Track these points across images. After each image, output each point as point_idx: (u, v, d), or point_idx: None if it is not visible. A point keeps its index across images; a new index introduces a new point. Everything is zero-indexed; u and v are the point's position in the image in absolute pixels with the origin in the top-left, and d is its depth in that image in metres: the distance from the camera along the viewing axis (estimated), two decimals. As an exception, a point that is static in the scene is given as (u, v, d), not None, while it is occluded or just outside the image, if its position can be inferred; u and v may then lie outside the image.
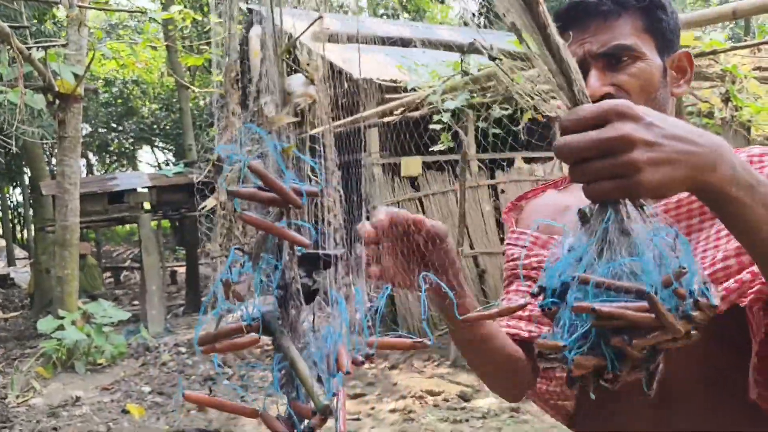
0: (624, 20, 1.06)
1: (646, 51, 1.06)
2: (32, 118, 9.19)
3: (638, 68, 1.05)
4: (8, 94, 5.59)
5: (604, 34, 1.06)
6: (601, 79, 1.04)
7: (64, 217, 7.42)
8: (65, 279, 7.46)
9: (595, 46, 1.05)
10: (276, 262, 0.79)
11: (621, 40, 1.05)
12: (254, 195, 0.73)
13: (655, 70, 1.06)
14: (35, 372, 7.00)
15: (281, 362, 0.78)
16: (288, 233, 0.76)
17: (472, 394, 5.80)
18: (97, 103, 20.12)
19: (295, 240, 0.76)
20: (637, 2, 1.06)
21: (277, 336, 0.77)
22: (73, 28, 6.86)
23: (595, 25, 1.06)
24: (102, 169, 26.79)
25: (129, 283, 16.92)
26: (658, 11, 1.08)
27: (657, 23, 1.08)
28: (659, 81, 1.07)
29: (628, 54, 1.05)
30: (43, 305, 10.70)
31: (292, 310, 0.81)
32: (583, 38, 1.07)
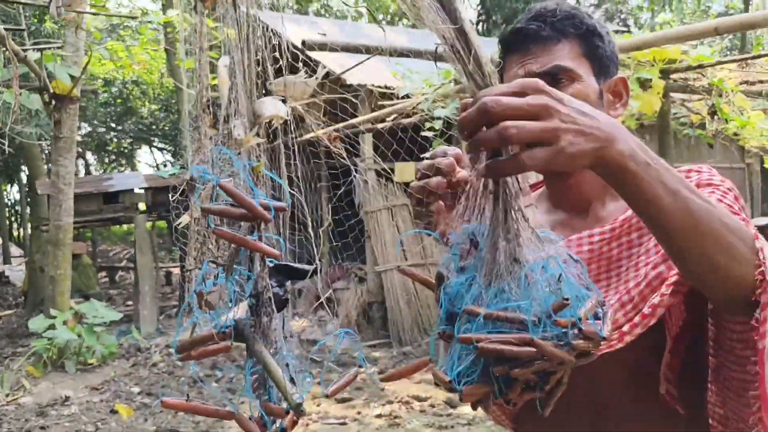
0: (562, 45, 1.12)
1: (582, 74, 1.12)
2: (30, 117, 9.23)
3: (575, 89, 1.10)
4: (3, 94, 5.63)
5: (544, 56, 1.12)
6: None
7: (57, 217, 7.45)
8: (57, 278, 7.49)
9: (535, 66, 1.11)
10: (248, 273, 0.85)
11: (559, 61, 1.11)
12: (225, 211, 0.78)
13: (591, 93, 1.12)
14: (26, 371, 7.03)
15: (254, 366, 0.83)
16: (259, 245, 0.81)
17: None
18: (96, 103, 20.15)
19: (266, 251, 0.81)
20: (575, 30, 1.13)
21: (250, 342, 0.82)
22: (71, 30, 6.92)
23: (535, 49, 1.13)
24: (100, 168, 26.81)
25: (124, 282, 16.91)
26: (595, 38, 1.14)
27: (594, 50, 1.14)
28: (595, 103, 1.12)
29: (566, 75, 1.11)
30: (36, 304, 10.71)
31: (264, 317, 0.86)
32: (524, 60, 1.13)
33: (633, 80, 4.57)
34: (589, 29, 1.14)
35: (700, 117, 6.22)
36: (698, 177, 1.07)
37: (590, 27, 1.14)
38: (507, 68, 1.17)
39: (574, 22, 1.13)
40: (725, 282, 0.85)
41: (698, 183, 1.06)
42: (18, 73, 5.44)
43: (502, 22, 19.19)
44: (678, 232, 0.79)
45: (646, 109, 4.64)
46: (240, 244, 0.79)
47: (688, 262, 0.84)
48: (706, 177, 1.07)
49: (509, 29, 1.17)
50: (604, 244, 1.10)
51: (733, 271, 0.83)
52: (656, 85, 4.57)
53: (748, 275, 0.84)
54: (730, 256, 0.82)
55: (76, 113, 7.51)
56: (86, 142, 22.85)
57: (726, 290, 0.87)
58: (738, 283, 0.85)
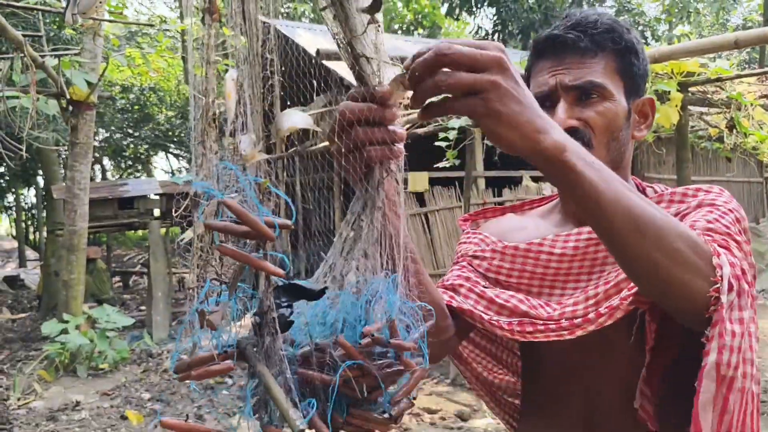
0: (599, 60, 1.09)
1: (614, 92, 1.09)
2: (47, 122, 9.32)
3: (605, 107, 1.08)
4: (21, 99, 5.68)
5: (578, 69, 1.08)
6: (568, 112, 1.07)
7: (72, 222, 7.50)
8: (71, 283, 7.53)
9: (568, 79, 1.08)
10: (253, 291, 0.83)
11: (593, 77, 1.08)
12: (228, 228, 0.76)
13: (620, 112, 1.10)
14: (38, 375, 7.06)
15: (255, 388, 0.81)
16: (263, 264, 0.79)
17: (470, 413, 5.78)
18: (113, 109, 20.35)
19: (270, 270, 0.79)
20: (613, 44, 1.10)
21: (252, 362, 0.80)
22: (88, 36, 6.98)
23: (570, 59, 1.09)
24: (116, 174, 27.04)
25: (137, 288, 17.01)
26: (632, 56, 1.11)
27: (629, 67, 1.11)
28: (623, 122, 1.10)
29: (598, 92, 1.08)
30: (50, 308, 10.78)
31: (268, 337, 0.84)
32: (556, 69, 1.10)
33: (651, 92, 4.53)
34: (627, 45, 1.11)
35: (718, 130, 6.16)
36: (704, 196, 1.06)
37: (628, 43, 1.11)
38: (536, 73, 1.14)
39: (614, 36, 1.10)
40: (671, 290, 0.83)
41: (701, 203, 1.05)
42: (35, 79, 5.49)
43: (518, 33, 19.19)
44: (619, 229, 0.79)
45: (664, 122, 4.59)
46: (244, 262, 0.77)
47: (631, 263, 0.83)
48: (711, 197, 1.05)
49: (545, 34, 1.13)
50: (591, 244, 1.08)
51: (678, 278, 0.82)
52: (674, 97, 4.52)
53: (701, 290, 0.83)
54: (673, 261, 0.81)
55: (93, 119, 7.57)
56: (103, 147, 23.07)
57: (676, 301, 0.85)
58: (688, 295, 0.83)
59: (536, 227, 1.24)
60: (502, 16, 19.35)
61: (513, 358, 1.34)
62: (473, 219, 1.38)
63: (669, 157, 9.19)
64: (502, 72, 0.71)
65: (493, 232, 1.27)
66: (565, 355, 1.14)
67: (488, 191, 8.71)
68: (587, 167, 0.76)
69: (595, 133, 1.08)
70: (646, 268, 0.81)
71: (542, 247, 1.12)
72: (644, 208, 0.80)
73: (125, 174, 26.50)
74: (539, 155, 0.75)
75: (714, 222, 0.97)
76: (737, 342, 0.85)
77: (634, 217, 0.78)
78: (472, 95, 0.71)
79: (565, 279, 1.10)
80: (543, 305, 1.06)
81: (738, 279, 0.87)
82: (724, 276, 0.83)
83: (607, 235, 0.81)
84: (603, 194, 0.77)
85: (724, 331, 0.84)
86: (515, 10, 18.87)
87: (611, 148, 1.10)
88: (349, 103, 0.75)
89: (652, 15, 21.21)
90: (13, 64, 5.52)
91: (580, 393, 1.14)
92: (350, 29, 0.71)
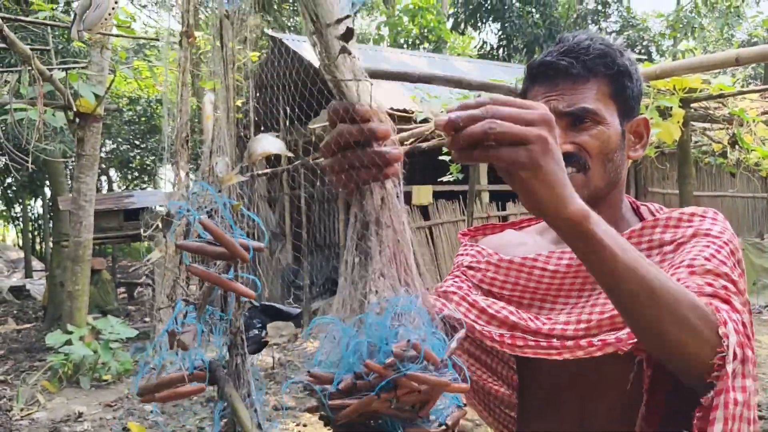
0: (591, 84, 1.11)
1: (607, 116, 1.11)
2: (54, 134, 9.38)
3: (598, 131, 1.10)
4: (29, 111, 5.73)
5: (571, 95, 1.11)
6: (562, 137, 1.09)
7: (77, 233, 7.54)
8: (75, 294, 7.56)
9: (561, 105, 1.11)
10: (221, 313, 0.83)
11: (586, 103, 1.10)
12: (202, 249, 0.76)
13: (614, 135, 1.12)
14: (41, 385, 7.07)
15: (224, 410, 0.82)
16: (235, 285, 0.79)
17: (472, 428, 5.76)
18: (120, 121, 20.46)
19: (242, 291, 0.79)
20: (606, 69, 1.12)
21: (221, 384, 0.80)
22: (96, 50, 7.04)
23: (563, 85, 1.12)
24: (123, 185, 27.14)
25: (142, 299, 17.03)
26: (625, 79, 1.13)
27: (622, 90, 1.13)
28: (617, 144, 1.13)
29: (591, 117, 1.10)
30: (55, 318, 10.80)
31: (237, 358, 0.85)
32: (550, 95, 1.12)
33: (653, 108, 4.54)
34: (620, 69, 1.13)
35: (721, 146, 6.17)
36: (699, 224, 1.07)
37: (621, 67, 1.13)
38: (530, 98, 1.16)
39: (606, 61, 1.12)
40: (678, 355, 0.86)
41: (696, 232, 1.06)
42: (43, 91, 5.54)
43: (522, 48, 19.25)
44: (632, 296, 0.80)
45: (666, 138, 4.61)
46: (215, 284, 0.77)
47: (640, 328, 0.85)
48: (706, 226, 1.07)
49: (539, 59, 1.15)
50: None
51: (685, 346, 0.84)
52: (676, 113, 4.53)
53: (706, 357, 0.85)
54: (682, 330, 0.83)
55: (99, 131, 7.62)
56: (110, 159, 23.17)
57: (681, 365, 0.88)
58: (693, 361, 0.85)
59: (534, 243, 1.26)
60: (506, 30, 19.43)
61: (509, 372, 1.35)
62: (473, 234, 1.40)
63: (672, 172, 9.19)
64: (549, 130, 0.73)
65: (490, 246, 1.28)
66: (559, 370, 1.15)
67: (492, 205, 8.72)
68: (606, 236, 0.78)
69: (591, 156, 1.11)
70: (655, 333, 0.83)
71: (536, 262, 1.14)
72: (658, 278, 0.81)
73: (132, 185, 26.59)
74: (563, 219, 0.77)
75: (711, 259, 0.99)
76: (739, 411, 0.87)
77: (648, 286, 0.80)
78: (517, 145, 0.72)
79: (556, 294, 1.12)
80: (533, 318, 1.07)
81: (742, 347, 0.88)
82: (730, 345, 0.85)
83: (619, 300, 0.83)
84: (620, 263, 0.79)
85: (729, 401, 0.86)
86: (520, 25, 18.95)
87: (607, 170, 1.12)
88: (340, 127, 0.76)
89: (657, 30, 21.26)
90: (21, 77, 5.58)
91: (576, 407, 1.15)
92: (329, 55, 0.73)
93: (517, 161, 0.72)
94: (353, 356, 0.70)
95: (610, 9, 21.05)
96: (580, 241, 0.78)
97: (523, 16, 19.05)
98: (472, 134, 0.72)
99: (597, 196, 1.12)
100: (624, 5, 21.34)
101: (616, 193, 1.17)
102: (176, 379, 0.75)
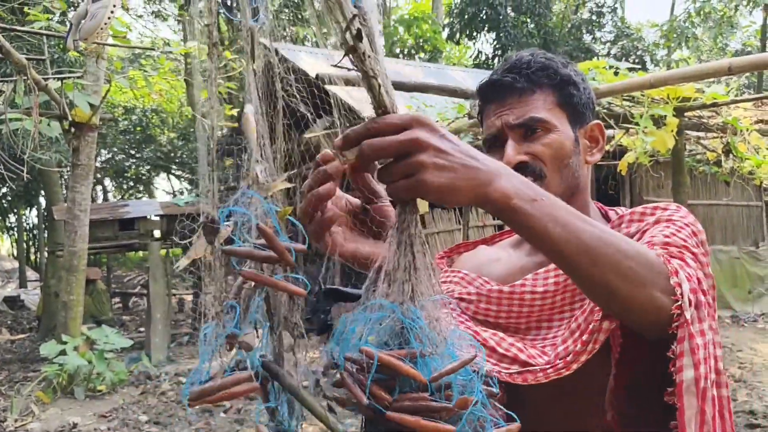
0: (537, 96, 1.16)
1: (557, 123, 1.16)
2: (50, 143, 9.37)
3: (550, 139, 1.15)
4: (24, 121, 5.73)
5: (520, 108, 1.16)
6: (516, 149, 1.15)
7: (72, 243, 7.52)
8: (70, 304, 7.53)
9: (511, 118, 1.15)
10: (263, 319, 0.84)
11: (534, 113, 1.15)
12: (251, 254, 0.78)
13: (566, 141, 1.16)
14: (35, 396, 7.03)
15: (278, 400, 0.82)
16: (287, 285, 0.81)
17: None
18: (115, 130, 20.47)
19: (294, 291, 0.81)
20: (549, 80, 1.17)
21: (282, 377, 0.81)
22: (92, 59, 7.05)
23: (511, 100, 1.17)
24: (118, 194, 27.12)
25: (137, 308, 16.98)
26: (570, 87, 1.18)
27: (569, 98, 1.18)
28: (571, 150, 1.17)
29: (541, 125, 1.15)
30: (49, 329, 10.76)
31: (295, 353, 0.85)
32: (500, 111, 1.17)
33: (647, 117, 4.57)
34: (563, 79, 1.17)
35: (715, 155, 6.20)
36: (661, 213, 1.11)
37: (564, 77, 1.17)
38: (485, 116, 1.22)
39: (548, 72, 1.16)
40: (632, 309, 0.88)
41: (658, 219, 1.10)
42: (38, 101, 5.54)
43: (518, 57, 19.31)
44: (573, 259, 0.83)
45: (660, 146, 4.63)
46: (269, 285, 0.79)
47: (590, 288, 0.88)
48: (668, 214, 1.11)
49: (486, 80, 1.21)
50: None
51: (637, 297, 0.86)
52: (670, 122, 4.56)
53: (663, 306, 0.88)
54: (630, 282, 0.85)
55: (95, 141, 7.62)
56: (105, 168, 23.18)
57: (639, 319, 0.90)
58: (650, 312, 0.88)
59: (509, 258, 1.29)
60: (502, 40, 19.52)
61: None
62: (448, 255, 1.42)
63: (667, 181, 9.22)
64: (421, 150, 0.73)
65: (469, 268, 1.30)
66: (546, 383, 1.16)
67: (487, 214, 8.74)
68: (535, 209, 0.80)
69: (546, 164, 1.15)
70: (605, 291, 0.86)
71: (524, 287, 1.16)
72: (595, 234, 0.84)
73: (127, 195, 26.58)
74: (489, 206, 0.79)
75: (671, 236, 1.02)
76: (703, 353, 0.90)
77: (585, 245, 0.82)
78: (405, 179, 0.74)
79: (550, 313, 1.14)
80: (540, 354, 1.08)
81: (695, 293, 0.92)
82: (684, 293, 0.88)
83: (563, 265, 0.86)
84: (553, 231, 0.81)
85: (696, 347, 0.89)
86: (515, 35, 19.04)
87: (564, 175, 1.16)
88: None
89: (651, 40, 21.39)
90: (16, 87, 5.58)
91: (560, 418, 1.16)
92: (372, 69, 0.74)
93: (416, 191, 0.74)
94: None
95: (604, 19, 21.17)
96: (510, 219, 0.80)
97: (517, 26, 19.14)
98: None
99: None
100: (618, 15, 21.47)
101: (579, 198, 1.20)
102: (239, 379, 0.76)
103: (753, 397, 6.27)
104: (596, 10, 21.34)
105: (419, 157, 0.73)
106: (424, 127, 0.74)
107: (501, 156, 1.14)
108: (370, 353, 0.68)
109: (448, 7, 21.51)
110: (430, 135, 0.74)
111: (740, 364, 7.54)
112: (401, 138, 0.73)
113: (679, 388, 0.90)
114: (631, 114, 4.76)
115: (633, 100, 4.89)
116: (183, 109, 21.18)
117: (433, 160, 0.73)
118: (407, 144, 0.73)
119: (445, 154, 0.74)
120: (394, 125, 0.74)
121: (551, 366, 1.04)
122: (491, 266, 1.27)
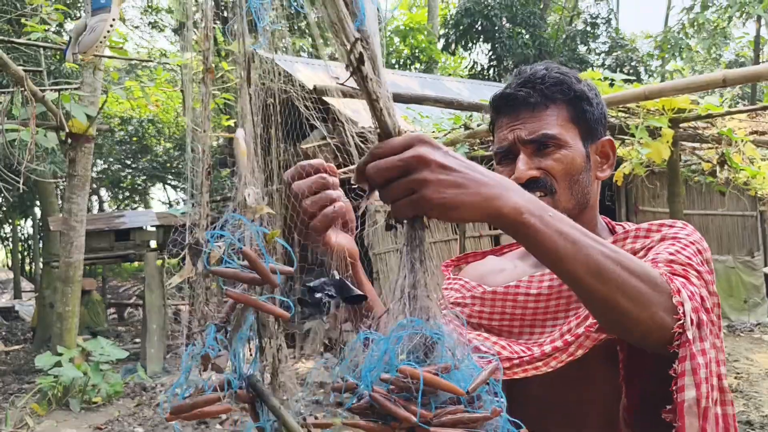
0: (551, 111, 1.16)
1: (569, 139, 1.16)
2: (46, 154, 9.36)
3: (562, 155, 1.15)
4: (21, 132, 5.72)
5: (533, 123, 1.16)
6: (527, 164, 1.15)
7: (68, 254, 7.49)
8: (65, 315, 7.49)
9: (524, 133, 1.16)
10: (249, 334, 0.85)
11: (546, 129, 1.15)
12: (237, 276, 0.79)
13: (578, 157, 1.17)
14: (30, 408, 6.99)
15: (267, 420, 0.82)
16: (271, 307, 0.82)
17: None
18: (111, 141, 20.45)
19: (278, 313, 0.82)
20: (563, 96, 1.17)
21: (265, 397, 0.81)
22: (89, 70, 7.06)
23: (524, 114, 1.17)
24: (114, 204, 27.06)
25: (132, 319, 16.91)
26: (583, 103, 1.18)
27: (581, 114, 1.18)
28: (581, 166, 1.17)
29: (553, 142, 1.15)
30: (44, 340, 10.71)
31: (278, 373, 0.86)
32: (513, 125, 1.18)
33: (642, 128, 4.59)
34: (577, 95, 1.18)
35: (710, 165, 6.23)
36: (666, 231, 1.12)
37: (578, 92, 1.18)
38: (497, 128, 1.22)
39: (562, 88, 1.17)
40: (634, 327, 0.88)
41: (664, 236, 1.10)
42: (35, 112, 5.54)
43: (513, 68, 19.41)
44: (579, 276, 0.83)
45: (655, 157, 4.65)
46: (253, 306, 0.79)
47: (595, 306, 0.88)
48: (673, 231, 1.11)
49: (500, 92, 1.22)
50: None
51: (641, 315, 0.87)
52: (666, 133, 4.58)
53: (664, 325, 0.88)
54: (633, 300, 0.85)
55: (91, 152, 7.61)
56: (101, 178, 23.13)
57: (640, 336, 0.90)
58: (651, 330, 0.88)
59: (514, 268, 1.30)
60: (497, 51, 19.60)
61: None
62: (455, 264, 1.43)
63: (663, 191, 9.25)
64: (424, 166, 0.73)
65: (473, 276, 1.31)
66: (548, 390, 1.16)
67: (483, 224, 8.75)
68: (545, 224, 0.80)
69: (556, 180, 1.16)
70: (608, 307, 0.86)
71: (519, 288, 1.17)
72: (602, 253, 0.84)
73: (123, 205, 26.52)
74: (499, 221, 0.79)
75: (676, 254, 1.03)
76: (704, 373, 0.90)
77: (593, 262, 0.83)
78: (407, 197, 0.74)
79: (544, 317, 1.14)
80: (524, 350, 1.09)
81: (697, 311, 0.92)
82: (686, 312, 0.89)
83: (569, 280, 0.86)
84: (561, 247, 0.81)
85: (698, 367, 0.89)
86: (510, 45, 19.12)
87: (574, 191, 1.17)
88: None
89: (645, 51, 21.50)
90: (13, 98, 5.59)
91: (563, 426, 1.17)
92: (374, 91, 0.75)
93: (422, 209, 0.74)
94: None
95: (598, 30, 21.26)
96: (519, 234, 0.80)
97: (513, 37, 19.22)
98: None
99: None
100: (612, 26, 21.58)
101: (588, 214, 1.21)
102: (213, 399, 0.77)
103: (750, 407, 6.27)
104: (590, 21, 21.44)
105: (421, 174, 0.73)
106: (425, 144, 0.74)
107: (512, 169, 1.16)
108: (414, 373, 0.67)
109: (444, 17, 21.60)
110: (432, 151, 0.74)
111: (736, 374, 7.54)
112: (403, 156, 0.73)
113: (680, 408, 0.90)
114: (627, 125, 4.79)
115: (629, 111, 4.91)
116: (179, 119, 21.18)
117: (436, 177, 0.73)
118: (409, 161, 0.73)
119: (448, 170, 0.74)
120: (397, 146, 0.74)
121: (529, 357, 1.05)
122: (495, 276, 1.28)
